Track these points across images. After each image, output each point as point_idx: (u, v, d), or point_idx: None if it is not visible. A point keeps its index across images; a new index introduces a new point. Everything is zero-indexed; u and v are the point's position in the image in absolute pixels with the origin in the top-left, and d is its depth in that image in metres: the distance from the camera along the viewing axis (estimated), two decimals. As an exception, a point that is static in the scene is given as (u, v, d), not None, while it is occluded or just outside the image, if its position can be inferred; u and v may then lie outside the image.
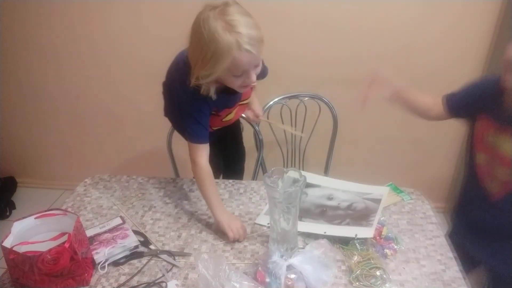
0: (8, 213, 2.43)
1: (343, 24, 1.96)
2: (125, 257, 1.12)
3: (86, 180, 1.50)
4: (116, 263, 1.11)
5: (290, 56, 2.04)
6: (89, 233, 1.18)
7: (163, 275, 1.06)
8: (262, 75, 1.42)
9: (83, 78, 2.26)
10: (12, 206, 2.49)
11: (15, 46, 2.21)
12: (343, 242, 1.14)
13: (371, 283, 1.02)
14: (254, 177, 1.87)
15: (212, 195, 1.25)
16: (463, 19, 1.87)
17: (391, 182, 1.41)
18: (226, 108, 1.35)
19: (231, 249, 1.16)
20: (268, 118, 1.88)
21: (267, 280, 0.98)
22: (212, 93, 1.19)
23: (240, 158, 1.87)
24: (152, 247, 1.17)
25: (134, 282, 1.06)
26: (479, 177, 1.19)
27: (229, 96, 1.29)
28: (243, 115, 1.59)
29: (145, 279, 1.06)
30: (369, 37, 1.95)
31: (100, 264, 1.08)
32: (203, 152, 1.26)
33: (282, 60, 2.06)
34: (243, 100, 1.42)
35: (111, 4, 1.98)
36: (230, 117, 1.41)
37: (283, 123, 1.91)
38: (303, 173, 1.05)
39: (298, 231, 1.09)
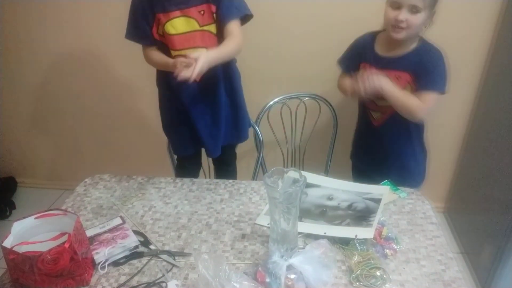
0: (8, 213, 2.43)
1: (343, 24, 1.96)
2: (125, 257, 1.12)
3: (86, 180, 1.50)
4: (116, 263, 1.10)
5: (290, 56, 2.04)
6: (89, 233, 1.17)
7: (163, 275, 1.06)
8: (229, 8, 1.41)
9: (83, 78, 2.26)
10: (12, 206, 2.49)
11: (15, 46, 2.21)
12: (343, 242, 1.14)
13: (371, 283, 1.02)
14: (254, 177, 1.87)
15: (161, 56, 1.43)
16: (463, 19, 1.87)
17: (386, 180, 1.41)
18: (163, 11, 1.36)
19: (231, 249, 1.16)
20: (268, 120, 1.88)
21: (267, 280, 0.98)
22: None
23: (231, 160, 1.84)
24: (152, 247, 1.17)
25: (134, 282, 1.05)
26: (368, 109, 1.58)
27: None
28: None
29: (145, 279, 1.06)
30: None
31: (100, 264, 1.08)
32: (145, 48, 1.46)
33: (282, 60, 2.06)
34: (203, 26, 1.39)
35: (111, 4, 1.98)
36: (175, 30, 1.38)
37: (284, 123, 1.91)
38: (303, 173, 1.05)
39: (298, 232, 1.09)
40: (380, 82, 1.37)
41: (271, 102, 1.86)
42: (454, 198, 2.29)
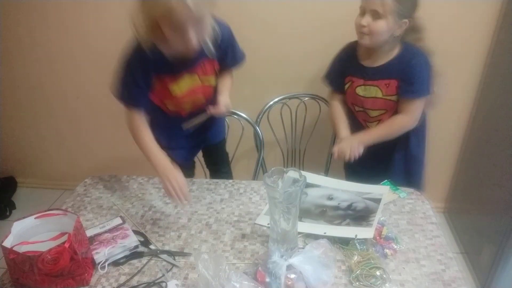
0: (8, 213, 2.43)
1: (343, 23, 1.96)
2: (125, 257, 1.12)
3: (86, 180, 1.50)
4: (116, 263, 1.11)
5: (290, 56, 2.04)
6: (89, 233, 1.18)
7: (163, 275, 1.06)
8: (233, 60, 1.43)
9: (82, 78, 2.26)
10: (12, 206, 2.49)
11: (14, 46, 2.21)
12: (343, 242, 1.14)
13: (371, 283, 1.02)
14: (254, 177, 1.87)
15: (150, 140, 1.31)
16: (463, 20, 1.87)
17: (386, 180, 1.41)
18: (169, 73, 1.30)
19: (231, 249, 1.16)
20: (268, 120, 1.89)
21: (267, 280, 0.98)
22: (148, 44, 1.19)
23: (224, 162, 1.83)
24: (152, 247, 1.17)
25: (134, 282, 1.06)
26: (360, 121, 1.58)
27: (173, 61, 1.28)
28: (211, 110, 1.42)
29: (145, 279, 1.06)
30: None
31: (100, 264, 1.08)
32: (135, 116, 1.32)
33: (282, 60, 2.06)
34: (202, 77, 1.36)
35: (109, 4, 1.98)
36: (180, 91, 1.34)
37: (284, 123, 1.91)
38: (303, 173, 1.05)
39: (298, 232, 1.09)
40: (359, 145, 1.42)
41: (271, 102, 1.86)
42: (454, 198, 2.29)
